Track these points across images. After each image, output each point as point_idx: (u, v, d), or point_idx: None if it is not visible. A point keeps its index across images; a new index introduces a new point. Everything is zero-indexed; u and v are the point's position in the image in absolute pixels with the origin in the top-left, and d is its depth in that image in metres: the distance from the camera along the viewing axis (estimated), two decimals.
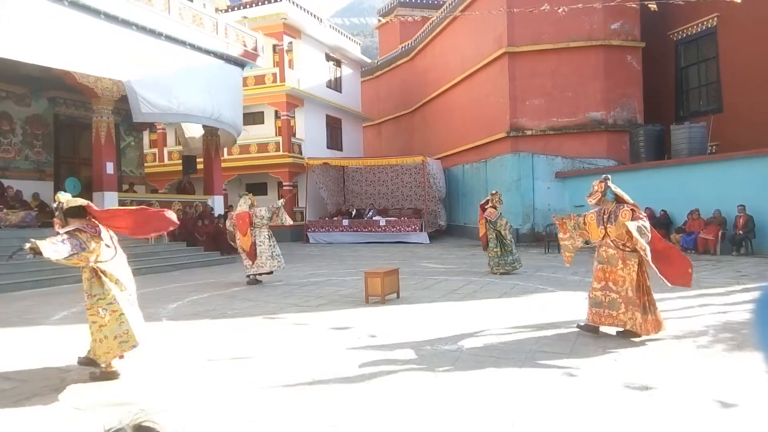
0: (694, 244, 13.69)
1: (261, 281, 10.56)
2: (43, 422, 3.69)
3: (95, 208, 5.04)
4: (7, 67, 13.48)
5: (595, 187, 5.69)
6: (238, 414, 3.75)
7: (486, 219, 11.07)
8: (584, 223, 5.88)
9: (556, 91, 19.56)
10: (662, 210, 15.16)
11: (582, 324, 5.80)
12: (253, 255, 10.22)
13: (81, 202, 5.03)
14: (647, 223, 5.42)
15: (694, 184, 14.69)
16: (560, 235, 6.25)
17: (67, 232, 4.74)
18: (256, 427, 3.53)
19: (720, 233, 13.35)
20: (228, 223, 11.00)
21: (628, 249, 5.45)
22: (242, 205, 10.63)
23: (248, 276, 10.44)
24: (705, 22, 18.25)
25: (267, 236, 10.49)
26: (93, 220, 4.99)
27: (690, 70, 19.46)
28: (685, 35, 19.20)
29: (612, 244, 5.56)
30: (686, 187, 14.86)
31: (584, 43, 19.26)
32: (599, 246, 5.70)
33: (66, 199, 5.08)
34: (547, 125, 19.73)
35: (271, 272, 10.65)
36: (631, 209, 5.47)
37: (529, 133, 19.74)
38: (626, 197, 5.66)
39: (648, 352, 5.05)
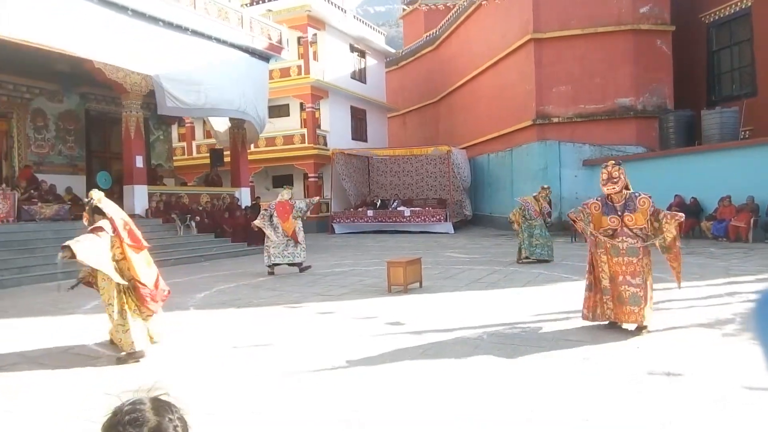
0: (725, 231, 13.38)
1: (303, 268, 10.65)
2: (64, 401, 3.83)
3: (115, 224, 5.14)
4: (39, 64, 13.90)
5: (615, 173, 5.32)
6: (258, 398, 3.84)
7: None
8: (589, 214, 5.51)
9: (583, 77, 19.24)
10: (692, 197, 14.82)
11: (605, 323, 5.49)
12: (296, 238, 10.47)
13: (108, 210, 5.23)
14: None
15: (726, 170, 14.31)
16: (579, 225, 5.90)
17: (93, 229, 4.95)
18: (274, 411, 3.61)
19: (752, 220, 13.01)
20: (260, 215, 11.04)
21: (647, 237, 5.28)
22: (284, 195, 10.87)
23: (269, 266, 10.59)
24: (738, 3, 17.70)
25: (299, 228, 10.66)
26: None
27: (722, 54, 18.91)
28: (717, 17, 18.64)
29: (631, 233, 5.27)
30: (717, 173, 14.48)
31: (612, 27, 18.87)
32: (612, 237, 5.33)
33: (98, 197, 5.29)
34: (575, 112, 19.44)
35: (297, 264, 10.71)
36: (648, 197, 5.29)
37: (555, 120, 19.48)
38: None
39: (672, 339, 4.99)
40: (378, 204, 23.76)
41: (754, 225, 12.98)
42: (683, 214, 5.29)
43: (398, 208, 22.50)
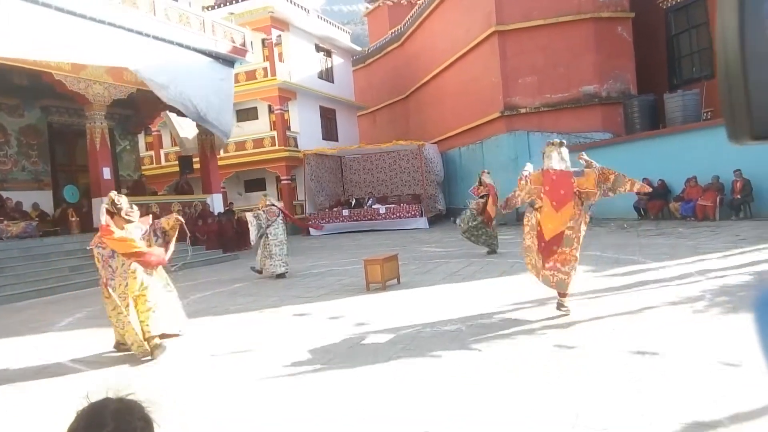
0: (693, 211, 13.70)
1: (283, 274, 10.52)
2: (39, 419, 3.76)
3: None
4: None
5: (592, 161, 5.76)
6: (237, 405, 3.82)
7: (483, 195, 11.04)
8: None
9: (548, 67, 19.47)
10: (660, 179, 15.13)
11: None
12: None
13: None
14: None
15: (690, 151, 14.65)
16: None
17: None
18: (254, 417, 3.59)
19: (718, 199, 13.35)
20: (251, 215, 10.86)
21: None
22: (270, 201, 11.09)
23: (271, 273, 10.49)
24: None
25: (283, 233, 10.59)
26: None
27: (681, 38, 19.32)
28: (674, 2, 19.03)
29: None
30: (682, 155, 14.81)
31: (574, 17, 19.14)
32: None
33: (119, 199, 5.53)
34: (541, 102, 19.67)
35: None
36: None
37: (523, 111, 19.68)
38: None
39: (645, 319, 5.09)
40: (353, 203, 23.73)
41: (720, 203, 13.31)
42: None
43: (373, 206, 22.49)
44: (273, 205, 10.97)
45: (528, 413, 3.22)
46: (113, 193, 5.66)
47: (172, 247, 5.73)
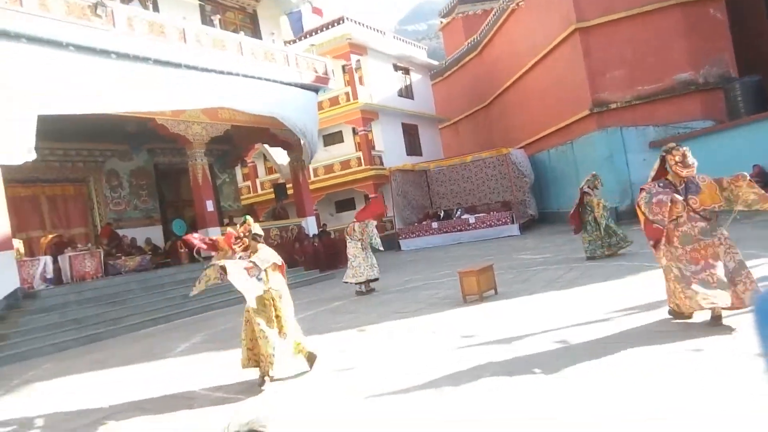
0: None
1: (368, 291, 10.93)
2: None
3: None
4: (108, 129, 14.85)
5: (690, 159, 4.89)
6: (343, 422, 3.90)
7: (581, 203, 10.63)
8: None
9: (636, 59, 18.59)
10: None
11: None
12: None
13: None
14: None
15: None
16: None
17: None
18: None
19: None
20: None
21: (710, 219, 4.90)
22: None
23: (356, 284, 10.98)
24: None
25: (361, 248, 10.87)
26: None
27: None
28: None
29: (698, 217, 4.89)
30: None
31: (659, 4, 18.20)
32: (678, 225, 4.94)
33: (249, 221, 5.79)
34: (632, 95, 18.78)
35: (372, 281, 10.99)
36: (705, 176, 4.94)
37: (613, 106, 18.88)
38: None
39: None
40: (441, 215, 23.68)
41: None
42: (745, 172, 4.82)
43: (462, 216, 22.32)
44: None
45: (661, 422, 3.05)
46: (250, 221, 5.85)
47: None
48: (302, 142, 17.57)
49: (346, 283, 11.21)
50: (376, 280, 11.06)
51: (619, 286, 7.39)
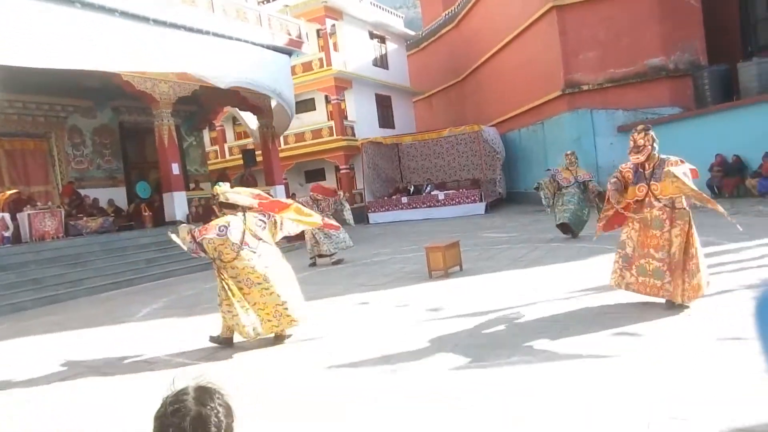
0: None
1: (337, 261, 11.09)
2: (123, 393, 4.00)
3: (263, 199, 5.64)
4: (71, 83, 14.29)
5: (640, 141, 4.93)
6: (306, 392, 3.93)
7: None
8: (622, 178, 5.19)
9: (610, 40, 18.70)
10: (734, 155, 14.32)
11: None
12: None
13: (240, 199, 5.51)
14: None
15: None
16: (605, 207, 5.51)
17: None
18: (320, 406, 3.69)
19: None
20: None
21: (677, 208, 4.87)
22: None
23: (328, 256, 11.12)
24: None
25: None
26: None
27: (756, 0, 18.09)
28: None
29: (657, 204, 4.91)
30: (759, 128, 13.91)
31: None
32: (640, 207, 5.05)
33: (222, 191, 5.53)
34: (604, 78, 18.95)
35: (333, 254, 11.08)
36: (680, 161, 4.89)
37: (585, 88, 19.03)
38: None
39: (723, 304, 4.87)
40: (411, 190, 23.72)
41: None
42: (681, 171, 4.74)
43: (432, 192, 22.42)
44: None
45: (604, 406, 3.16)
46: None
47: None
48: (273, 105, 17.25)
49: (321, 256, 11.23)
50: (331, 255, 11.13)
51: (578, 267, 7.57)
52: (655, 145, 4.92)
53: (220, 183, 5.78)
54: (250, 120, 20.43)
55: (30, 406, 4.40)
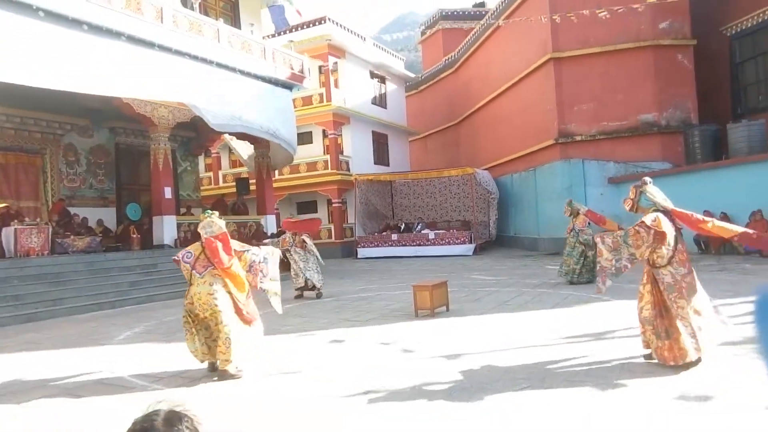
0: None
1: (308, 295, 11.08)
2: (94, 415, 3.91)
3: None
4: (70, 102, 14.37)
5: (630, 194, 5.08)
6: (286, 425, 3.85)
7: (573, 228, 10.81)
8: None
9: (605, 94, 19.14)
10: (722, 212, 14.50)
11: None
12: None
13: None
14: (644, 232, 4.71)
15: (756, 184, 14.01)
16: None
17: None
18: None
19: None
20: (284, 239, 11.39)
21: (656, 266, 4.84)
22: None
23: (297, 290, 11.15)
24: (761, 15, 17.49)
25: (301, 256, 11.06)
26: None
27: (746, 66, 18.65)
28: (739, 29, 18.43)
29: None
30: (747, 187, 14.19)
31: (633, 44, 18.81)
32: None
33: (206, 217, 5.70)
34: (597, 130, 19.31)
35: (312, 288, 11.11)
36: (640, 223, 4.78)
37: (578, 138, 19.37)
38: (666, 204, 4.96)
39: (706, 359, 4.86)
40: (402, 227, 23.79)
41: None
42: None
43: (422, 231, 22.47)
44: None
45: None
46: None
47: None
48: (272, 140, 17.37)
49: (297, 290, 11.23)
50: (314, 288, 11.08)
51: (564, 314, 7.55)
52: (642, 198, 5.03)
53: (208, 211, 5.88)
54: (244, 149, 20.56)
55: None
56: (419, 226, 23.36)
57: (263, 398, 4.61)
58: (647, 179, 5.17)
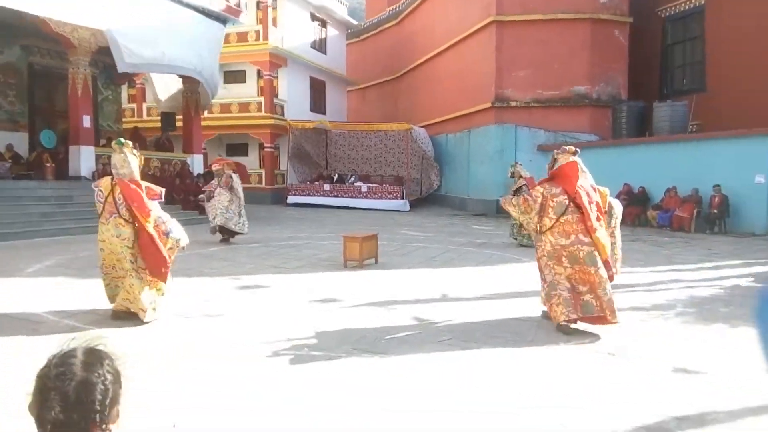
0: (670, 221, 13.93)
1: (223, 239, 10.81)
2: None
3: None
4: None
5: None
6: (204, 368, 3.78)
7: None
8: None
9: (543, 62, 19.46)
10: (641, 186, 15.35)
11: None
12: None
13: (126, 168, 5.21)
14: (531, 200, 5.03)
15: (673, 161, 14.87)
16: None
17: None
18: (216, 383, 3.56)
19: (695, 212, 13.59)
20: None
21: (540, 232, 5.16)
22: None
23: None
24: (694, 0, 18.20)
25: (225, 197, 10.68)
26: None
27: (676, 48, 19.47)
28: (673, 12, 19.13)
29: None
30: (665, 164, 15.03)
31: (573, 15, 19.10)
32: None
33: (118, 147, 5.31)
34: (532, 97, 19.69)
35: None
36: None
37: (513, 104, 19.69)
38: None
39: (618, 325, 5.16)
40: (335, 178, 23.59)
41: (696, 216, 13.56)
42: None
43: (355, 183, 22.39)
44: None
45: (482, 400, 3.25)
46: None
47: None
48: (199, 78, 16.47)
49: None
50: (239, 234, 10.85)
51: (486, 272, 7.80)
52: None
53: (122, 140, 5.40)
54: (169, 83, 19.39)
55: None
56: (352, 178, 23.24)
57: (181, 341, 4.49)
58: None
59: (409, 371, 3.80)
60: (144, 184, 5.25)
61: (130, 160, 5.19)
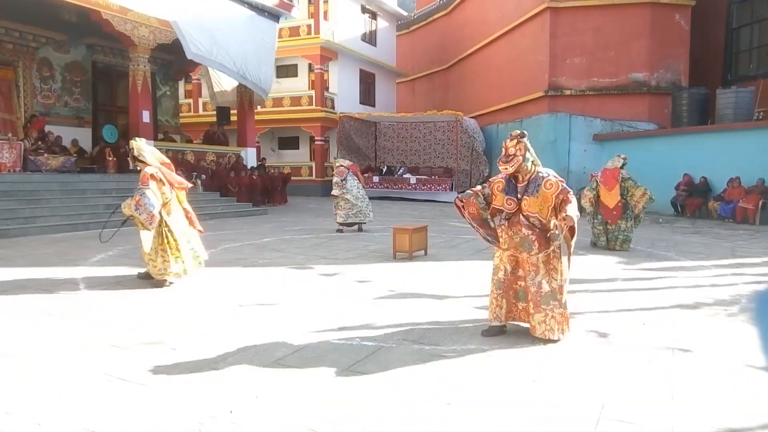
0: (733, 212, 13.32)
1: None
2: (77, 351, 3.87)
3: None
4: (46, 13, 13.68)
5: (511, 150, 4.23)
6: (261, 356, 3.87)
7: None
8: (491, 194, 4.47)
9: (598, 50, 18.90)
10: (702, 177, 14.71)
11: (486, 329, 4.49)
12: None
13: (147, 159, 6.19)
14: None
15: (737, 151, 14.17)
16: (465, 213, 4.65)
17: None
18: (276, 370, 3.64)
19: (760, 203, 12.94)
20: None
21: (549, 230, 4.27)
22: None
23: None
24: None
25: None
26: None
27: (742, 32, 18.50)
28: None
29: (526, 222, 4.25)
30: (728, 154, 14.34)
31: (631, 0, 18.45)
32: (508, 225, 4.35)
33: (137, 146, 6.20)
34: (587, 85, 19.17)
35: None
36: (559, 182, 4.19)
37: (567, 93, 19.22)
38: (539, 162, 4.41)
39: (676, 316, 4.99)
40: (384, 170, 23.65)
41: (762, 207, 12.91)
42: (573, 218, 4.04)
43: (404, 176, 22.40)
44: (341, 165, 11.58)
45: (553, 400, 3.20)
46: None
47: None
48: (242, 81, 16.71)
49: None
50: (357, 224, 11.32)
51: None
52: (528, 155, 4.27)
53: (137, 138, 6.42)
54: (224, 78, 19.84)
55: None
56: (401, 170, 23.25)
57: (237, 327, 4.62)
58: (525, 132, 4.41)
59: (466, 364, 3.79)
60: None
61: (152, 150, 6.36)
